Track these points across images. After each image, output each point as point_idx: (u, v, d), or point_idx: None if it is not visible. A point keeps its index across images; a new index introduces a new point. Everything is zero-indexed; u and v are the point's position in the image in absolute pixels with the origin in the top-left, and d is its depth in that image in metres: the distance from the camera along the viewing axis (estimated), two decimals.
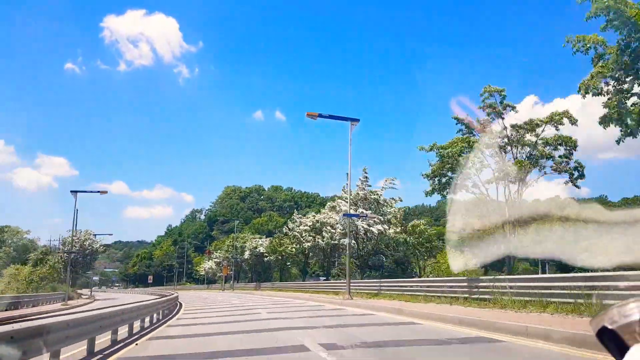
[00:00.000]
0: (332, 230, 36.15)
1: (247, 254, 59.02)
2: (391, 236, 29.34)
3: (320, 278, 77.56)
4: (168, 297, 26.85)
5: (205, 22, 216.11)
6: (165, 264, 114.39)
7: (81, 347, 8.91)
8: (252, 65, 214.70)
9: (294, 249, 45.48)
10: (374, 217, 28.47)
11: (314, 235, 39.81)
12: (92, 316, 8.97)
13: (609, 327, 0.96)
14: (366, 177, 30.76)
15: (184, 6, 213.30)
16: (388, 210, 30.18)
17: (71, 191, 39.78)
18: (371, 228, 28.99)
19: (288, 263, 53.67)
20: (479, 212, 24.09)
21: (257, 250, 56.88)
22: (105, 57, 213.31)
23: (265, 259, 54.94)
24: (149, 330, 13.75)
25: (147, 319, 14.52)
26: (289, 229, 45.24)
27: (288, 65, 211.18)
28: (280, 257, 50.61)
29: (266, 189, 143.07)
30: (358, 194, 30.25)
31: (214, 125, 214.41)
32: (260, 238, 62.14)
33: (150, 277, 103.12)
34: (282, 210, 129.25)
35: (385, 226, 29.42)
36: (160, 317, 18.05)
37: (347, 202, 31.11)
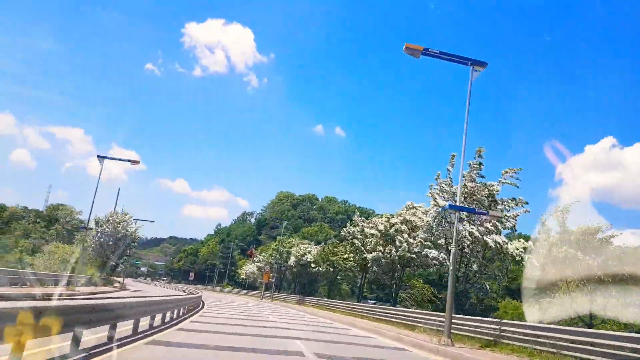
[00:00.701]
0: (411, 240, 25.73)
1: (292, 261, 49.33)
2: (511, 253, 18.39)
3: (369, 301, 66.14)
4: (182, 297, 18.62)
5: (278, 35, 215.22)
6: (209, 263, 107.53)
7: None
8: (318, 81, 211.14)
9: (350, 260, 35.29)
10: (497, 217, 17.69)
11: (383, 244, 29.29)
12: None
13: None
14: (480, 163, 20.20)
15: (261, 18, 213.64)
16: (506, 215, 19.33)
17: (98, 156, 32.48)
18: (485, 238, 18.33)
19: (339, 277, 43.40)
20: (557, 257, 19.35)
21: (304, 258, 47.20)
22: (183, 61, 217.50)
23: (313, 269, 45.13)
24: None
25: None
26: (349, 233, 35.05)
27: (352, 84, 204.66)
28: (331, 269, 40.57)
29: (319, 199, 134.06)
30: (465, 185, 19.76)
31: (275, 135, 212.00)
32: (309, 244, 52.25)
33: (192, 274, 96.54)
34: (334, 222, 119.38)
35: (504, 238, 18.62)
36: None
37: (443, 194, 20.69)
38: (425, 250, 23.39)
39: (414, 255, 26.11)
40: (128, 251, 61.99)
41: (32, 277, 31.88)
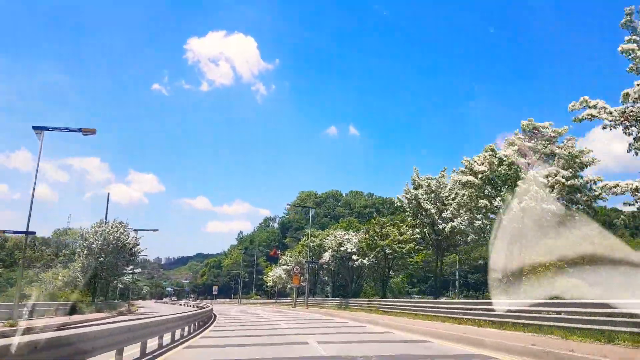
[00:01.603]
0: (542, 180, 13.92)
1: (327, 256, 37.30)
2: None
3: (414, 297, 53.31)
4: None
5: (281, 40, 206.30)
6: (233, 274, 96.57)
7: None
8: (325, 82, 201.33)
9: (416, 237, 23.50)
10: None
11: (487, 196, 16.88)
12: None
13: None
14: None
15: (262, 25, 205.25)
16: None
17: (33, 127, 21.88)
18: None
19: (394, 268, 31.19)
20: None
21: (343, 249, 35.30)
22: (188, 78, 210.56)
23: (355, 262, 33.36)
24: None
25: None
26: (409, 199, 22.90)
27: (362, 81, 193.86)
28: (382, 258, 28.75)
29: (344, 195, 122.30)
30: None
31: (290, 141, 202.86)
32: (347, 232, 39.90)
33: (215, 288, 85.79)
34: (361, 216, 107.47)
35: None
36: None
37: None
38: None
39: (553, 206, 14.44)
40: (129, 268, 51.51)
41: None
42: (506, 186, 16.43)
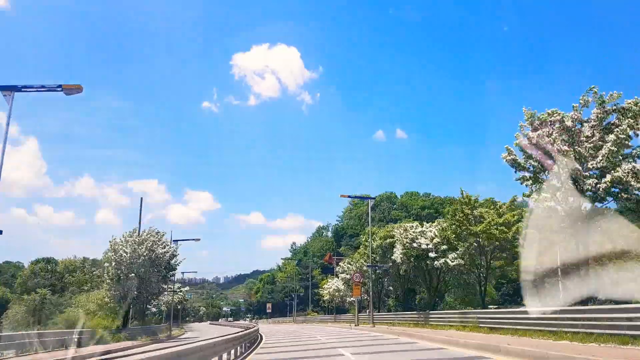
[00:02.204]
0: None
1: (398, 253, 28.16)
2: None
3: (489, 307, 43.15)
4: None
5: (323, 47, 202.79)
6: (288, 290, 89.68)
7: None
8: (369, 86, 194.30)
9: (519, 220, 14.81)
10: None
11: None
12: None
13: None
14: None
15: (303, 35, 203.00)
16: None
17: (1, 87, 16.16)
18: None
19: (494, 266, 21.84)
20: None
21: (416, 244, 26.27)
22: (236, 93, 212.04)
23: (436, 262, 24.63)
24: None
25: None
26: (525, 148, 13.83)
27: (405, 83, 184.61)
28: (476, 252, 20.13)
29: (399, 197, 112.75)
30: None
31: (338, 148, 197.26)
32: (420, 224, 30.27)
33: (269, 306, 79.27)
34: (420, 218, 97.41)
35: None
36: None
37: None
38: None
39: None
40: (176, 286, 45.95)
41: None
42: None
